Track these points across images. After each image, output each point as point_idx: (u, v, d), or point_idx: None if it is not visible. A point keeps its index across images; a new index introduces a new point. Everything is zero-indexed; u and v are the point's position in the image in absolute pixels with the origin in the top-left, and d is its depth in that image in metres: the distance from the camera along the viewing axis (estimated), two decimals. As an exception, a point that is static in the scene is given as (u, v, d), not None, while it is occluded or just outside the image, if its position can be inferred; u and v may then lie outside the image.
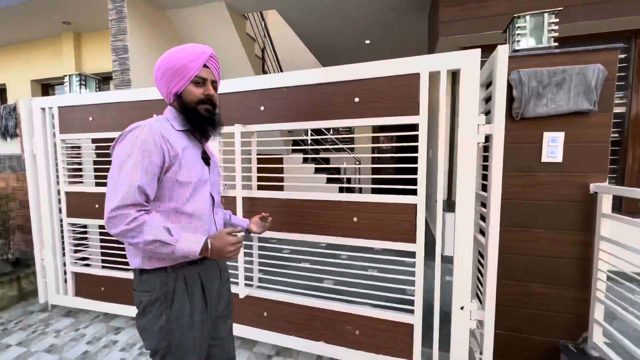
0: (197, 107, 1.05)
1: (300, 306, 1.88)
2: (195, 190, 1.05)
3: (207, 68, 1.06)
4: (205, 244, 0.94)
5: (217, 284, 1.15)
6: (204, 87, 1.05)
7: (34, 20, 4.91)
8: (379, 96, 1.61)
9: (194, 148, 1.09)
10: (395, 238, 1.65)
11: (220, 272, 1.18)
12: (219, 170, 1.32)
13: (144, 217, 0.90)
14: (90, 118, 2.28)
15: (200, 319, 1.04)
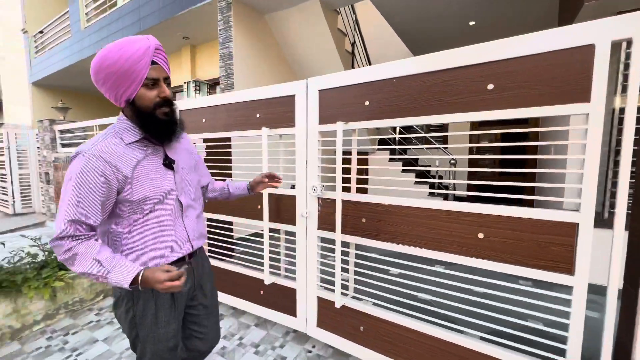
0: (154, 113, 0.97)
1: (400, 327, 1.65)
2: (155, 204, 1.03)
3: (155, 64, 0.96)
4: (137, 275, 0.91)
5: (189, 285, 1.19)
6: (158, 88, 0.97)
7: (163, 39, 5.82)
8: (524, 80, 1.25)
9: (151, 157, 1.04)
10: (537, 265, 1.27)
11: (198, 279, 1.23)
12: (195, 164, 1.26)
13: (77, 248, 0.90)
14: (203, 119, 2.48)
15: (166, 318, 1.10)
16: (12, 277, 2.29)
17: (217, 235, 2.66)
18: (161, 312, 1.09)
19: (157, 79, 0.97)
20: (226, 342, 2.18)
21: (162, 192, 1.05)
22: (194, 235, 1.17)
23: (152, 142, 1.06)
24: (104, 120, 4.63)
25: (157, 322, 1.08)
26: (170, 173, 1.09)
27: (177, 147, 1.16)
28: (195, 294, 1.25)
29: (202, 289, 1.27)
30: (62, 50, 7.41)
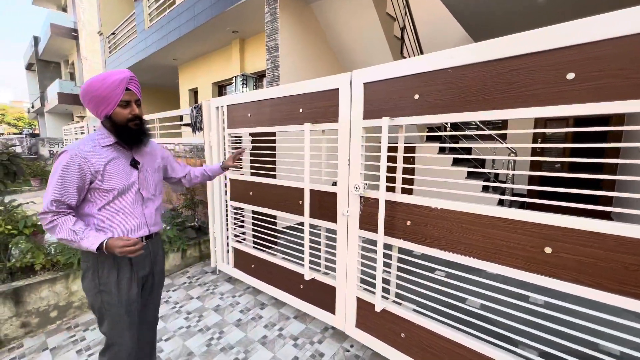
0: (127, 125, 1.29)
1: (446, 339, 1.53)
2: (119, 194, 1.31)
3: (129, 91, 1.27)
4: (102, 243, 1.18)
5: (148, 262, 1.44)
6: (130, 108, 1.29)
7: (213, 34, 6.07)
8: (617, 68, 1.02)
9: (121, 158, 1.34)
10: (623, 291, 1.06)
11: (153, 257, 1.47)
12: (160, 167, 1.56)
13: (57, 221, 1.18)
14: (249, 114, 2.53)
15: (126, 286, 1.33)
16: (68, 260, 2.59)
17: (260, 228, 2.73)
18: (123, 279, 1.33)
19: (129, 101, 1.28)
20: (267, 331, 2.25)
21: (125, 185, 1.33)
22: (151, 222, 1.44)
23: (123, 147, 1.36)
24: (163, 114, 5.03)
25: (120, 287, 1.32)
26: (135, 171, 1.38)
27: (144, 151, 1.46)
28: (152, 270, 1.49)
29: (154, 266, 1.51)
30: (130, 49, 8.17)
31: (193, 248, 3.47)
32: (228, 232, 2.94)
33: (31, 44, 19.08)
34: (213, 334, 2.24)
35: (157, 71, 8.83)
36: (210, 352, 2.06)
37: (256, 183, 2.57)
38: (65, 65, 18.55)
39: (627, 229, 1.04)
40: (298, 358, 1.98)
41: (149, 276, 1.49)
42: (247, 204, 2.68)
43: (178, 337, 2.22)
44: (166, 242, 3.17)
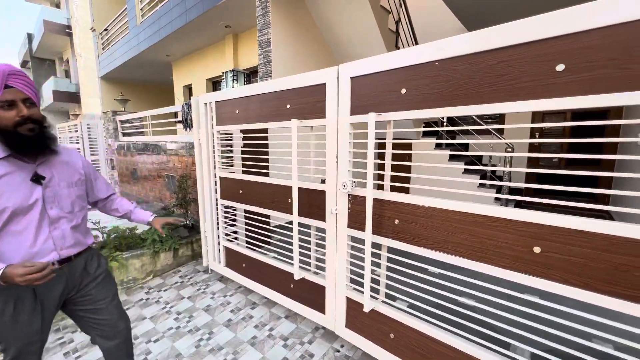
0: (16, 130, 1.06)
1: (435, 340, 1.50)
2: (14, 215, 1.11)
3: (10, 88, 1.04)
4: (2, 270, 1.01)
5: (60, 288, 1.27)
6: (16, 109, 1.06)
7: (205, 29, 5.97)
8: (609, 58, 0.97)
9: (16, 173, 1.12)
10: (612, 292, 1.02)
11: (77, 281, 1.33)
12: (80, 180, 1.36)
13: None
14: (237, 111, 2.47)
15: (27, 317, 1.19)
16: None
17: (252, 227, 2.69)
18: (21, 313, 1.18)
19: (13, 100, 1.06)
20: (257, 332, 2.22)
21: (23, 205, 1.13)
22: (64, 245, 1.26)
23: (21, 160, 1.15)
24: (156, 111, 4.96)
25: (17, 321, 1.18)
26: (39, 188, 1.19)
27: (55, 163, 1.26)
28: (74, 295, 1.35)
29: (81, 289, 1.36)
30: (122, 45, 8.06)
31: (185, 247, 3.43)
32: (219, 231, 2.90)
33: (25, 41, 18.85)
34: (202, 335, 2.21)
35: (151, 68, 8.72)
36: (198, 353, 2.03)
37: (246, 181, 2.52)
38: (60, 63, 18.37)
39: (617, 228, 0.99)
40: (287, 359, 1.95)
41: (76, 297, 1.36)
42: (237, 203, 2.63)
43: (167, 339, 2.19)
44: (157, 241, 3.13)
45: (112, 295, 1.46)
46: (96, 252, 1.48)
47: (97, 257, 1.46)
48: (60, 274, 1.26)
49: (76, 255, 1.33)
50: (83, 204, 1.39)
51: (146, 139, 5.06)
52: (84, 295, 1.36)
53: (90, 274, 1.39)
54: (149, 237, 3.12)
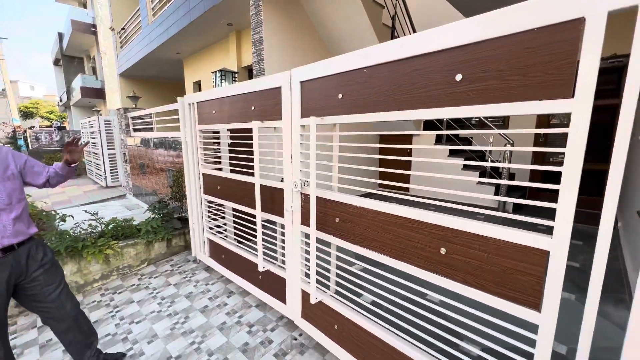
0: None
1: (370, 334, 1.59)
2: None
3: None
4: None
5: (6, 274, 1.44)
6: None
7: (209, 27, 6.14)
8: (496, 69, 1.00)
9: None
10: (501, 293, 1.06)
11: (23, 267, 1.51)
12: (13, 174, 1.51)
13: None
14: (213, 111, 2.61)
15: None
16: (74, 243, 2.84)
17: (235, 221, 2.85)
18: None
19: None
20: (227, 318, 2.39)
21: None
22: (5, 234, 1.44)
23: None
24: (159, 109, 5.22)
25: None
26: None
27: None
28: (22, 280, 1.53)
29: (29, 276, 1.54)
30: (137, 43, 8.43)
31: (178, 238, 3.67)
32: (203, 224, 3.09)
33: (56, 40, 20.03)
34: (179, 319, 2.41)
35: (163, 65, 9.07)
36: (172, 335, 2.23)
37: (221, 177, 2.67)
38: (88, 60, 19.38)
39: (505, 233, 1.03)
40: (248, 343, 2.11)
41: (25, 283, 1.53)
42: (216, 197, 2.80)
43: (147, 321, 2.41)
44: (151, 231, 3.38)
45: (58, 281, 1.65)
46: (41, 242, 1.65)
47: (42, 247, 1.64)
48: (5, 261, 1.45)
49: (19, 244, 1.51)
50: (20, 196, 1.54)
51: (152, 135, 5.36)
52: (32, 282, 1.55)
53: (37, 261, 1.57)
54: (143, 228, 3.37)
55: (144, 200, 6.18)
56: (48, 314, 1.64)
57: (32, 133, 16.00)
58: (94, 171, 8.99)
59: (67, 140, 1.68)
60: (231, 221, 3.00)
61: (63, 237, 2.84)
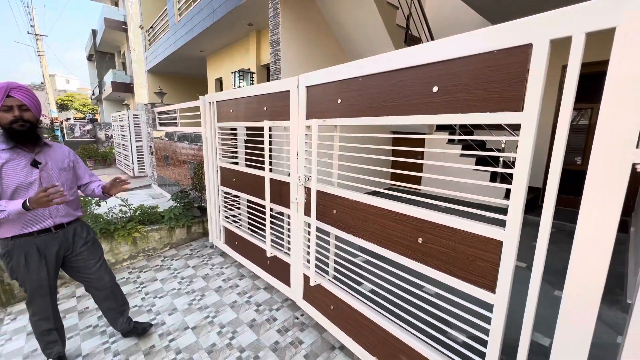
0: (12, 126, 1.50)
1: (360, 314, 1.78)
2: (16, 190, 1.54)
3: (11, 97, 1.48)
4: (24, 201, 1.44)
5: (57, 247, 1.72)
6: (12, 112, 1.49)
7: (231, 27, 6.44)
8: (464, 84, 1.16)
9: (18, 159, 1.56)
10: (465, 277, 1.23)
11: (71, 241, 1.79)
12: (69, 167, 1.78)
13: None
14: (231, 110, 2.86)
15: (35, 268, 1.65)
16: (107, 226, 3.21)
17: (249, 211, 3.11)
18: (31, 263, 1.64)
19: (11, 106, 1.50)
20: (238, 298, 2.66)
21: (24, 182, 1.56)
22: (57, 214, 1.71)
23: (22, 149, 1.59)
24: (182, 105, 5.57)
25: (29, 270, 1.65)
26: (36, 170, 1.61)
27: (49, 153, 1.70)
28: (69, 253, 1.81)
29: (75, 250, 1.82)
30: (163, 42, 8.90)
31: (197, 225, 3.99)
32: (219, 213, 3.37)
33: (90, 37, 21.21)
34: (196, 296, 2.70)
35: (188, 62, 9.52)
36: (189, 310, 2.52)
37: (237, 171, 2.93)
38: (119, 56, 20.42)
39: (468, 225, 1.19)
40: (255, 320, 2.36)
41: (72, 257, 1.81)
42: (232, 189, 3.06)
43: (169, 296, 2.72)
44: (173, 218, 3.71)
45: (99, 256, 1.95)
46: (84, 223, 1.94)
47: (86, 227, 1.94)
48: (56, 236, 1.74)
49: (68, 224, 1.79)
50: (72, 185, 1.82)
51: (176, 129, 5.73)
52: (77, 255, 1.84)
53: (82, 238, 1.86)
54: (166, 215, 3.71)
55: (167, 190, 6.61)
56: (90, 283, 1.94)
57: (68, 125, 17.12)
58: (122, 161, 9.62)
59: (117, 179, 1.85)
60: (245, 211, 3.26)
61: (98, 220, 3.20)
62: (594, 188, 0.89)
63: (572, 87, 0.90)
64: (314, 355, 1.99)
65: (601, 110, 0.85)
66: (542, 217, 0.98)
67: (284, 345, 2.09)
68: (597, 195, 0.88)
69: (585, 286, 0.92)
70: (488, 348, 1.19)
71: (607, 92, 0.83)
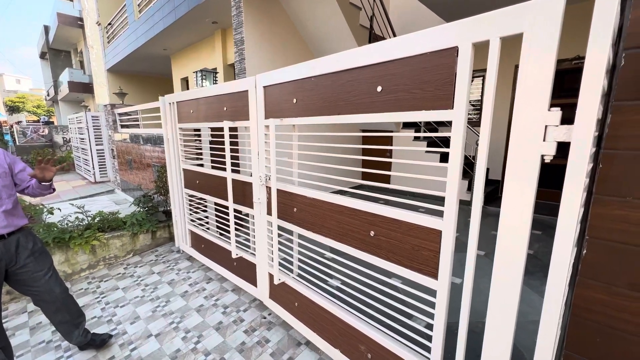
0: None
1: (322, 308, 1.83)
2: None
3: None
4: None
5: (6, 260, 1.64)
6: None
7: (195, 25, 6.25)
8: (404, 84, 1.22)
9: None
10: (412, 266, 1.31)
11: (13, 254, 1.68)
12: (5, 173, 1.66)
13: None
14: (191, 110, 2.80)
15: None
16: (62, 235, 3.02)
17: (215, 214, 3.05)
18: None
19: None
20: (205, 301, 2.61)
21: None
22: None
23: None
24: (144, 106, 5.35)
25: None
26: None
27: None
28: (13, 266, 1.70)
29: (19, 262, 1.71)
30: (124, 39, 8.46)
31: (163, 230, 3.86)
32: (185, 216, 3.29)
33: (42, 33, 19.67)
34: (160, 303, 2.62)
35: (151, 61, 9.12)
36: (153, 317, 2.44)
37: (200, 172, 2.87)
38: (75, 54, 19.11)
39: (411, 217, 1.27)
40: (222, 322, 2.34)
41: (16, 269, 1.71)
42: (196, 191, 3.00)
43: (131, 305, 2.62)
44: (135, 224, 3.56)
45: (47, 268, 1.83)
46: (30, 233, 1.82)
47: (32, 237, 1.81)
48: None
49: (9, 234, 1.68)
50: (10, 192, 1.69)
51: (138, 132, 5.49)
52: (21, 267, 1.73)
53: (27, 249, 1.74)
54: (128, 220, 3.56)
55: (132, 195, 6.33)
56: (39, 296, 1.83)
57: (19, 128, 15.81)
58: (82, 167, 9.05)
59: (40, 161, 1.71)
60: (213, 214, 3.21)
61: (51, 229, 3.01)
62: (513, 176, 0.98)
63: (492, 87, 0.98)
64: (280, 353, 2.01)
65: (515, 108, 0.94)
66: (473, 204, 1.07)
67: (250, 345, 2.09)
68: (515, 184, 0.97)
69: (510, 254, 1.02)
70: (434, 331, 1.28)
71: (519, 92, 0.92)
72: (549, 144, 0.89)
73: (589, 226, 0.92)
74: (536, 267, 2.83)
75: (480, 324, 1.61)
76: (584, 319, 0.97)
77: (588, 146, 0.83)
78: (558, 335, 0.99)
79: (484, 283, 1.18)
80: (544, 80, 0.87)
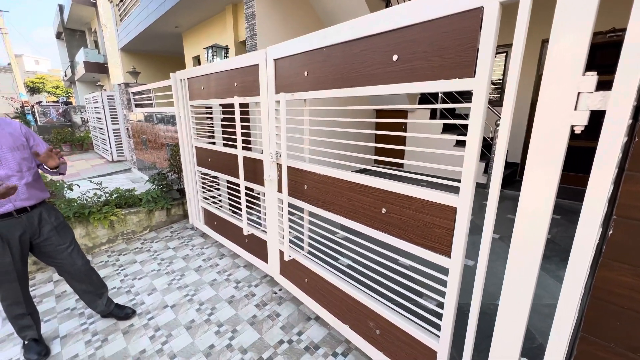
0: None
1: (331, 285, 1.84)
2: None
3: None
4: None
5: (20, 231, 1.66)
6: None
7: (206, 1, 6.10)
8: (422, 51, 1.14)
9: None
10: (424, 244, 1.27)
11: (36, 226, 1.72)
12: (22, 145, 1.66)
13: None
14: (202, 87, 2.76)
15: None
16: (81, 210, 3.13)
17: (228, 192, 3.08)
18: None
19: None
20: (218, 276, 2.69)
21: None
22: (17, 198, 1.62)
23: None
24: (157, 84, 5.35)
25: None
26: None
27: None
28: (37, 238, 1.75)
29: (42, 235, 1.76)
30: (135, 17, 8.38)
31: (177, 207, 3.95)
32: (198, 194, 3.33)
33: (57, 12, 19.75)
34: (175, 276, 2.72)
35: (163, 39, 9.03)
36: (169, 289, 2.54)
37: (212, 150, 2.87)
38: (90, 34, 19.18)
39: (424, 193, 1.22)
40: (234, 296, 2.40)
41: (40, 242, 1.75)
42: (208, 169, 3.02)
43: (148, 277, 2.72)
44: (151, 201, 3.65)
45: (69, 241, 1.89)
46: (53, 207, 1.86)
47: (54, 211, 1.86)
48: (19, 220, 1.67)
49: (32, 207, 1.71)
50: (30, 165, 1.69)
51: (152, 111, 5.53)
52: (45, 240, 1.78)
53: (50, 222, 1.79)
54: (144, 197, 3.64)
55: (147, 174, 6.47)
56: (62, 268, 1.91)
57: (40, 108, 16.26)
58: (100, 146, 9.29)
59: (49, 149, 1.69)
60: (225, 192, 3.24)
61: (71, 204, 3.12)
62: (537, 151, 0.91)
63: (519, 54, 0.90)
64: (290, 327, 2.05)
65: (544, 74, 0.86)
66: (492, 178, 1.01)
67: (261, 318, 2.15)
68: (541, 158, 0.90)
69: (529, 238, 0.97)
70: (444, 309, 1.26)
71: (550, 56, 0.84)
72: (581, 114, 0.81)
73: (618, 204, 0.86)
74: (553, 252, 2.75)
75: (492, 305, 1.60)
76: (605, 301, 0.92)
77: (626, 115, 0.75)
78: (575, 317, 0.95)
79: (497, 266, 1.14)
80: (580, 42, 0.78)
